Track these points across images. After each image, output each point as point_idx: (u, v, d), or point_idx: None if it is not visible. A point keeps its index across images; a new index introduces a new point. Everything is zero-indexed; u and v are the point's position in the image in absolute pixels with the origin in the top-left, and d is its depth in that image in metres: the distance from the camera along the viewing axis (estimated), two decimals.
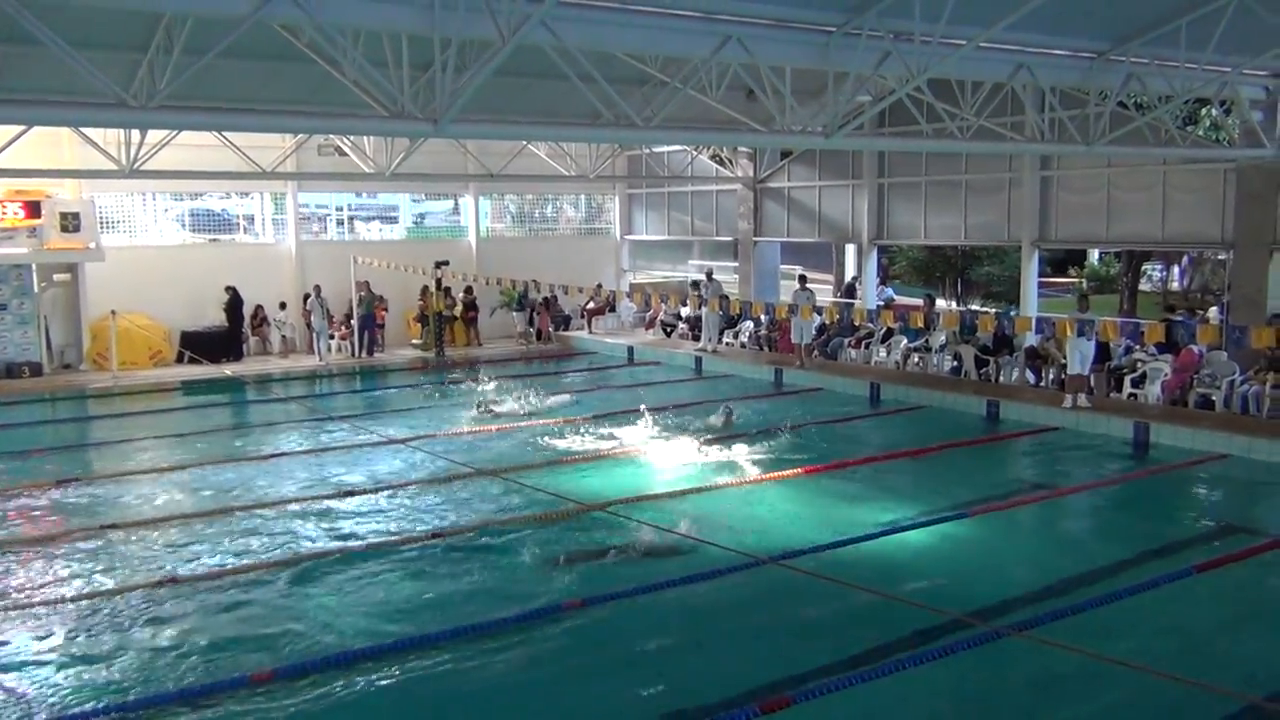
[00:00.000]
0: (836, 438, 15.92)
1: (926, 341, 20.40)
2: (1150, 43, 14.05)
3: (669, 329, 26.28)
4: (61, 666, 7.93)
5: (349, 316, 24.69)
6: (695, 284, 25.89)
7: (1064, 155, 19.48)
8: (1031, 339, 18.81)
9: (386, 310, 25.42)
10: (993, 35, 12.13)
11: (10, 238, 21.17)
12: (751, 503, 12.13)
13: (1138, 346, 17.23)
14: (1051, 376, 17.92)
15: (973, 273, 36.08)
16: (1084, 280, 36.18)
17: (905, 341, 20.64)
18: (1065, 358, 16.51)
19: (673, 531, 10.65)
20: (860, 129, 14.08)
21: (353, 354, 24.50)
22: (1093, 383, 16.69)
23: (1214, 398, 15.96)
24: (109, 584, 9.63)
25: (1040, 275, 22.35)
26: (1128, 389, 17.06)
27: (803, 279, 22.33)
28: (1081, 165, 19.72)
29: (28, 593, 9.49)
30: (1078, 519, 12.07)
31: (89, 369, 22.43)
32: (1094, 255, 36.77)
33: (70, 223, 21.50)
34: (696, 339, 24.28)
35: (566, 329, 27.44)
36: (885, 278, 27.48)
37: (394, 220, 28.63)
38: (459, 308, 26.36)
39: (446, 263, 24.44)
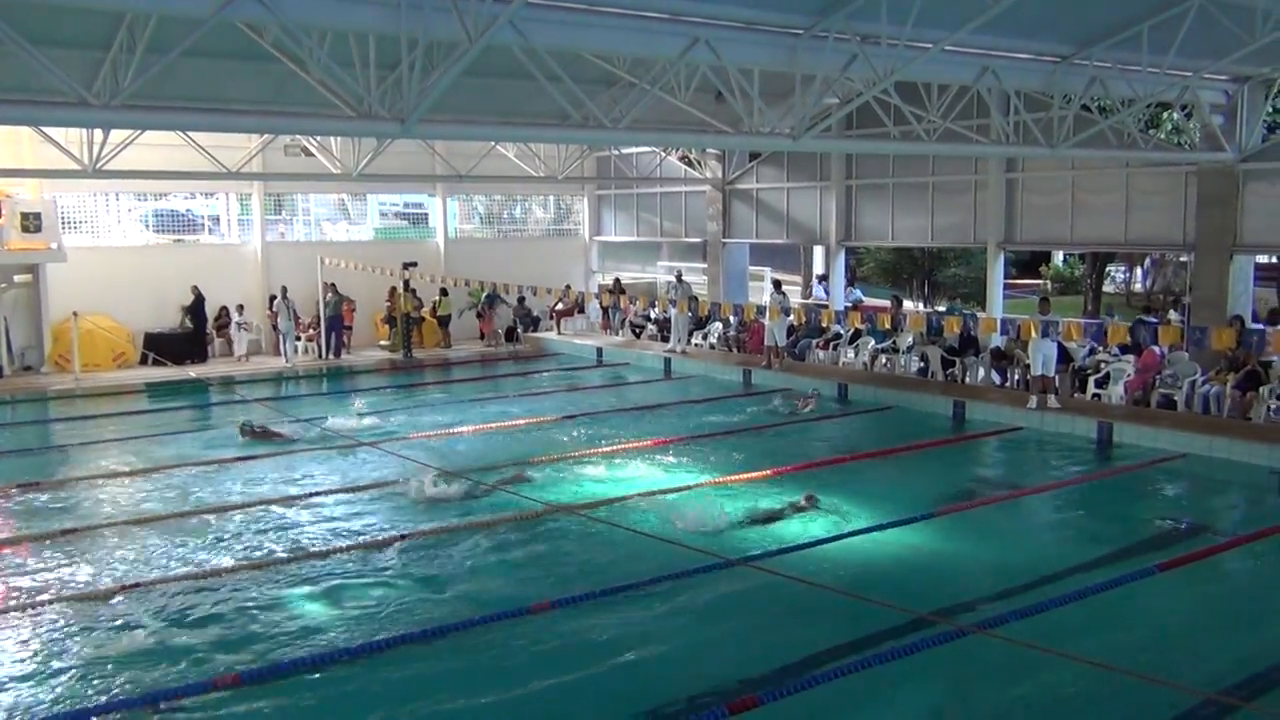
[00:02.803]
0: (804, 439, 15.98)
1: (894, 342, 20.52)
2: (1113, 46, 14.22)
3: (638, 330, 26.28)
4: (26, 673, 7.82)
5: (316, 318, 24.51)
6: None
7: (1028, 158, 19.67)
8: (997, 340, 18.97)
9: (354, 311, 25.26)
10: (959, 38, 12.24)
11: None
12: (719, 503, 12.14)
13: (1101, 348, 17.41)
14: (1017, 377, 18.08)
15: (940, 274, 36.33)
16: (1048, 282, 36.53)
17: (873, 343, 20.75)
18: (1029, 358, 16.66)
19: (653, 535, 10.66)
20: (828, 131, 14.18)
21: (319, 356, 24.32)
22: (1057, 383, 16.85)
23: (1176, 398, 16.15)
24: (70, 589, 9.50)
25: (1006, 277, 22.55)
26: (1091, 389, 17.24)
27: (777, 283, 22.42)
28: (1046, 168, 19.91)
29: None
30: (1042, 518, 12.18)
31: (50, 371, 22.14)
32: (1058, 257, 37.11)
33: (31, 223, 21.21)
34: (665, 340, 24.30)
35: (535, 330, 27.39)
36: (853, 279, 27.60)
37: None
38: (426, 309, 26.24)
39: (415, 264, 24.33)
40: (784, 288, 22.21)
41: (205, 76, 15.36)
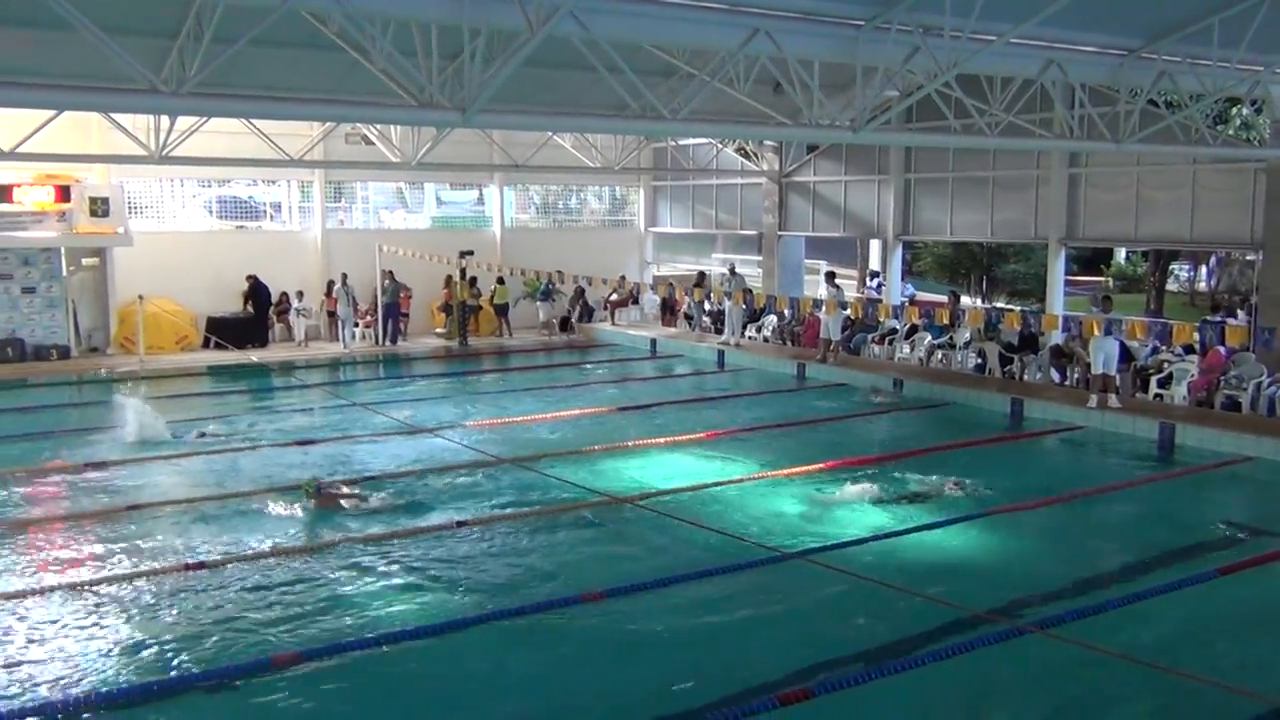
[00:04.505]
0: (857, 433, 15.90)
1: (951, 338, 20.31)
2: (1183, 40, 13.91)
3: (692, 321, 26.25)
4: (92, 646, 8.02)
5: (374, 305, 24.80)
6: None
7: (1093, 153, 19.34)
8: (1057, 337, 18.70)
9: (411, 299, 25.50)
10: (1023, 31, 12.06)
11: (40, 221, 21.38)
12: (773, 497, 12.13)
13: (1164, 347, 17.11)
14: (1077, 376, 17.81)
15: (999, 270, 35.87)
16: (1110, 279, 35.95)
17: (929, 338, 20.55)
18: (1090, 357, 16.41)
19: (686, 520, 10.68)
20: (888, 124, 14.05)
21: (376, 342, 24.61)
22: (1119, 382, 16.58)
23: (1241, 400, 15.83)
24: (139, 566, 9.71)
25: (1067, 273, 22.21)
26: (1154, 389, 16.94)
27: (831, 275, 22.25)
28: (1110, 163, 19.57)
29: (59, 572, 9.59)
30: (1101, 519, 11.99)
31: (116, 353, 22.62)
32: (1121, 254, 36.51)
33: (99, 207, 21.69)
34: (719, 332, 24.27)
35: (590, 320, 27.48)
36: (907, 273, 27.36)
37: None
38: (485, 298, 26.41)
39: (471, 253, 24.49)
40: (837, 280, 22.07)
41: (269, 65, 15.57)
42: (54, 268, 22.03)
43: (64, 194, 21.39)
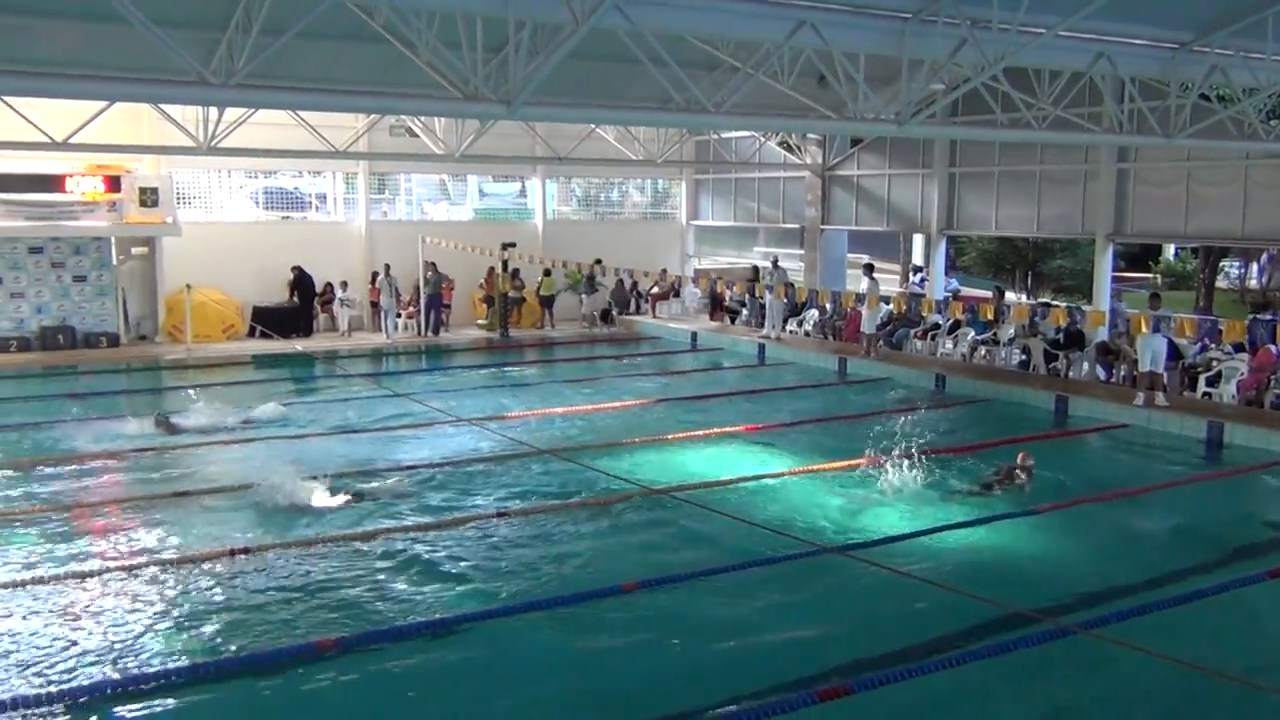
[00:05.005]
0: (900, 429, 15.77)
1: (995, 334, 20.11)
2: (1236, 33, 13.66)
3: (733, 315, 26.21)
4: (140, 627, 8.15)
5: (416, 296, 24.98)
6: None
7: (1142, 147, 19.05)
8: (1104, 334, 18.46)
9: (453, 290, 25.65)
10: (1073, 23, 11.91)
11: (91, 211, 21.72)
12: (813, 492, 12.09)
13: (1213, 345, 16.84)
14: (1123, 373, 17.58)
15: (1044, 265, 35.47)
16: (1158, 276, 35.45)
17: (972, 334, 20.37)
18: (1137, 354, 16.18)
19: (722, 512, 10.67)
20: (933, 117, 13.95)
21: (418, 333, 24.78)
22: (1166, 381, 16.35)
23: None
24: (186, 550, 9.86)
25: (1114, 270, 21.91)
26: (1202, 388, 16.68)
27: (869, 268, 22.11)
28: (1160, 158, 19.27)
29: (111, 555, 9.76)
30: (1147, 519, 11.82)
31: (164, 341, 22.95)
32: (1170, 250, 35.98)
33: (149, 197, 22.00)
34: (760, 326, 24.20)
35: (630, 313, 27.49)
36: (950, 268, 27.09)
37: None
38: (529, 289, 26.50)
39: (513, 244, 24.58)
40: (876, 274, 21.91)
41: (316, 57, 15.73)
42: (104, 257, 22.39)
43: (114, 184, 21.71)
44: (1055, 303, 23.67)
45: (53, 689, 7.10)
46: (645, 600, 8.80)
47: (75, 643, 7.86)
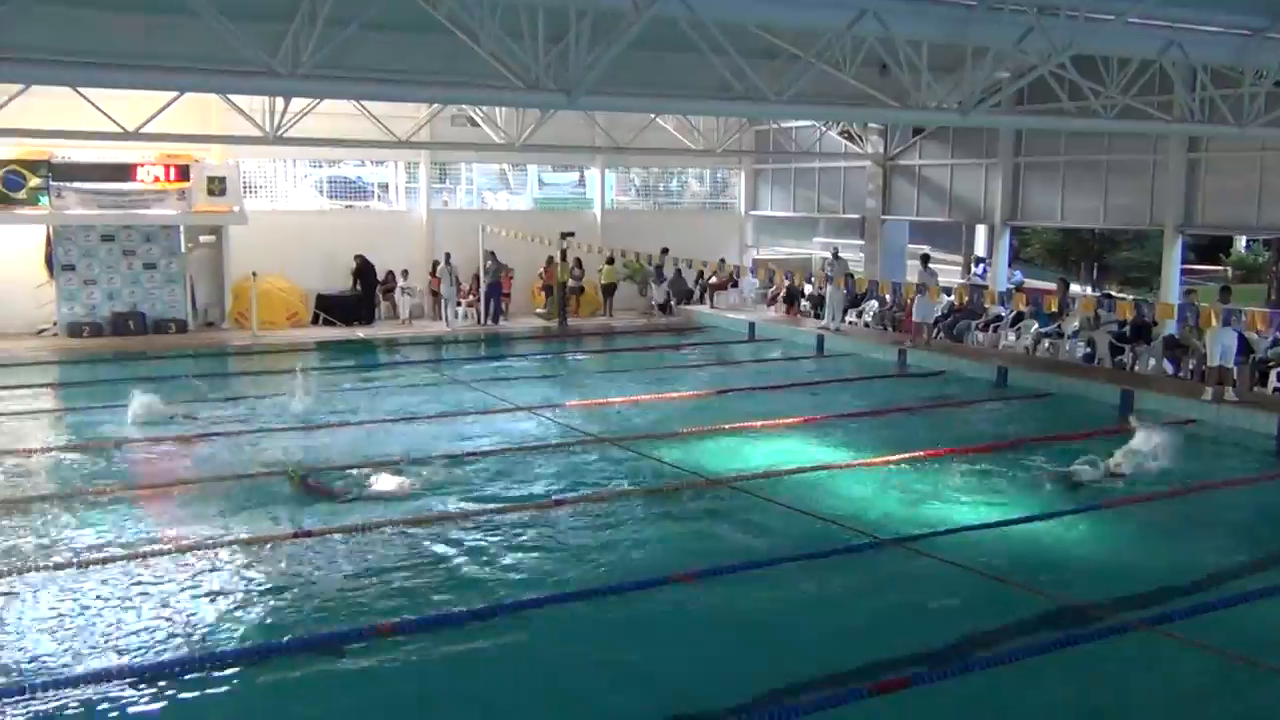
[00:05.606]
0: (960, 422, 15.64)
1: (1059, 327, 19.81)
2: None
3: (791, 306, 26.07)
4: (205, 608, 8.36)
5: (476, 284, 25.19)
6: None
7: (1214, 137, 18.62)
8: (1173, 328, 18.10)
9: (512, 279, 25.82)
10: (1143, 10, 11.69)
11: (161, 200, 22.18)
12: (872, 483, 12.02)
13: None
14: (1191, 367, 17.23)
15: (1110, 257, 34.80)
16: (1229, 269, 34.63)
17: (1036, 326, 20.07)
18: (1206, 348, 15.84)
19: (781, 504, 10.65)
20: (998, 106, 13.76)
21: (478, 321, 24.99)
22: (1236, 375, 15.98)
23: None
24: (251, 532, 10.06)
25: (1183, 262, 21.46)
26: (1273, 383, 16.29)
27: (925, 258, 21.87)
28: (1232, 148, 18.82)
29: (176, 536, 9.98)
30: (1213, 515, 11.59)
31: (230, 327, 23.40)
32: (1241, 242, 35.13)
33: (216, 186, 22.42)
34: (819, 317, 24.06)
35: (689, 303, 27.48)
36: (1014, 260, 26.69)
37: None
38: (589, 279, 26.59)
39: (572, 234, 24.67)
40: (931, 263, 21.66)
41: (379, 48, 15.86)
42: (173, 244, 22.84)
43: (183, 173, 22.15)
44: (1121, 295, 23.24)
45: (122, 663, 7.32)
46: (700, 590, 8.82)
47: (141, 621, 8.07)
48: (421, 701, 7.09)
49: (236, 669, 7.35)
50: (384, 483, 11.50)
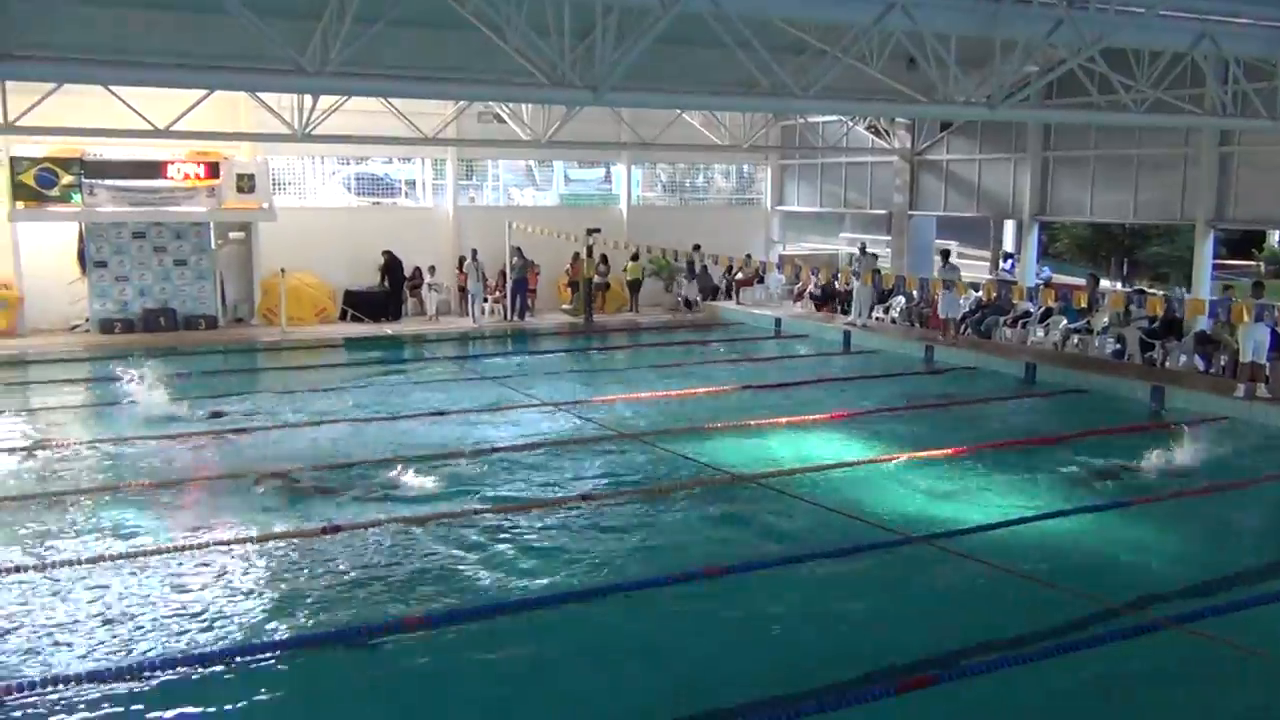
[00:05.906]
0: (988, 418, 15.54)
1: (1088, 323, 19.64)
2: None
3: (818, 302, 25.99)
4: (235, 602, 8.43)
5: (503, 280, 25.26)
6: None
7: (1247, 130, 18.40)
8: (1204, 324, 17.90)
9: (539, 275, 25.89)
10: (1174, 2, 11.56)
11: (191, 197, 22.37)
12: (898, 480, 11.97)
13: None
14: (1223, 363, 17.04)
15: (1141, 252, 34.46)
16: (1261, 264, 34.24)
17: (1065, 322, 19.91)
18: (1238, 344, 15.67)
19: (822, 505, 10.62)
20: (1026, 100, 13.66)
21: (505, 317, 25.07)
22: (1269, 372, 15.81)
23: None
24: (278, 527, 10.12)
25: (1215, 257, 21.22)
26: None
27: (945, 254, 21.70)
28: (1265, 141, 18.57)
29: (208, 530, 10.07)
30: (1245, 513, 11.49)
31: (259, 323, 23.57)
32: (1274, 237, 34.72)
33: (246, 183, 22.60)
34: (846, 313, 23.97)
35: (714, 299, 27.45)
36: (1043, 255, 26.47)
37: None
38: (614, 275, 26.58)
39: (598, 230, 24.69)
40: (952, 259, 21.49)
41: (406, 45, 15.92)
42: (203, 241, 23.03)
43: (213, 170, 22.34)
44: (1153, 291, 23.00)
45: (153, 655, 7.40)
46: (727, 585, 8.81)
47: (174, 614, 8.15)
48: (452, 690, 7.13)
49: (271, 659, 7.43)
50: (413, 478, 11.57)
